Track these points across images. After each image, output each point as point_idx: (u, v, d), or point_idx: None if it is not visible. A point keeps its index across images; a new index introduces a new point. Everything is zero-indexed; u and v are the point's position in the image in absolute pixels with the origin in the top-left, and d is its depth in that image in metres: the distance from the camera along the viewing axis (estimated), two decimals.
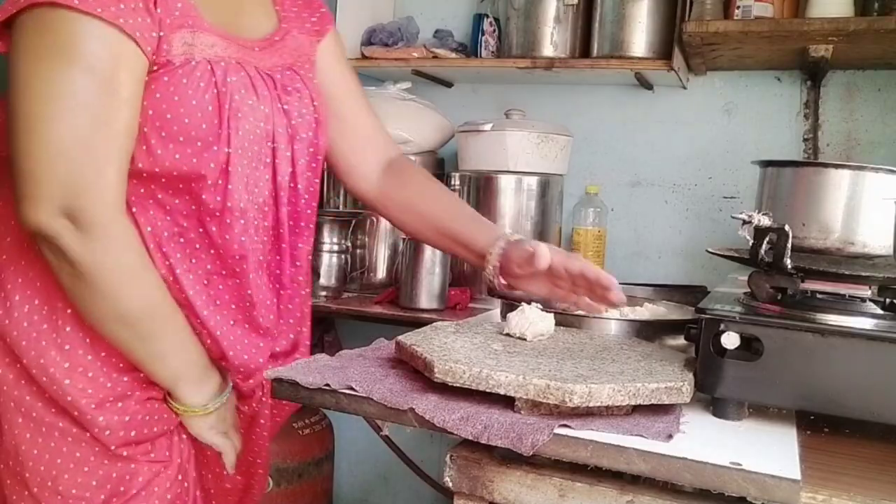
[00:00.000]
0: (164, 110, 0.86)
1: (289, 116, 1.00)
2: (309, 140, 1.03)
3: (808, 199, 0.93)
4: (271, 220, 1.00)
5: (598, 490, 0.70)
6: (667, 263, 1.97)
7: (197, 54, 0.89)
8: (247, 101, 0.93)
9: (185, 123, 0.87)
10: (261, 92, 0.95)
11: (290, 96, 1.00)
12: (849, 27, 1.48)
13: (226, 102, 0.90)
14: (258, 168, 0.96)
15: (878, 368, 0.73)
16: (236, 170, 0.92)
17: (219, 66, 0.90)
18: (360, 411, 0.76)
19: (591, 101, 2.02)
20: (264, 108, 0.95)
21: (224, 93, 0.90)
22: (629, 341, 0.94)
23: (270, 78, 0.98)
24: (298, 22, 1.09)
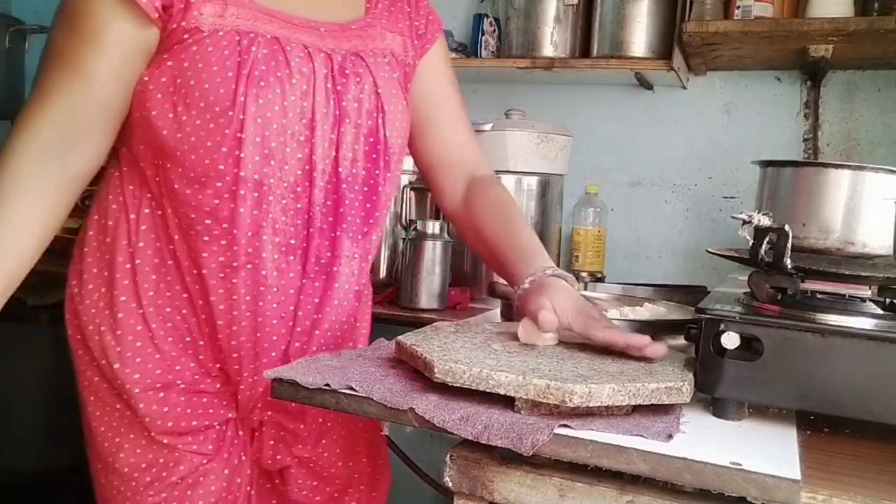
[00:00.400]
0: (188, 77, 0.90)
1: (339, 98, 0.97)
2: (366, 128, 1.00)
3: (808, 199, 0.93)
4: (304, 203, 0.97)
5: (598, 490, 0.70)
6: (667, 263, 1.97)
7: (227, 25, 0.91)
8: (274, 73, 0.92)
9: (205, 89, 0.89)
10: (299, 67, 0.94)
11: (346, 79, 0.98)
12: (849, 27, 1.48)
13: (245, 69, 0.90)
14: (286, 143, 0.94)
15: (878, 368, 0.73)
16: (252, 139, 0.91)
17: (246, 37, 0.91)
18: (360, 411, 0.76)
19: (591, 101, 2.02)
20: (301, 84, 0.94)
21: (245, 61, 0.90)
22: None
23: (329, 57, 0.97)
24: (392, 20, 1.07)
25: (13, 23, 2.43)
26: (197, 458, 1.00)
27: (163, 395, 0.98)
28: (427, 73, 1.12)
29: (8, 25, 2.39)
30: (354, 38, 1.01)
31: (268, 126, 0.92)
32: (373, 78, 1.00)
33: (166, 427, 0.98)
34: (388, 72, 1.03)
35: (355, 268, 1.03)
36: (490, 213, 1.08)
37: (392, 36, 1.06)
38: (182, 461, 0.99)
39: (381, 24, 1.06)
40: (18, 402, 2.19)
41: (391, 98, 1.02)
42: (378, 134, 1.01)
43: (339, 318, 1.03)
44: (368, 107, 0.99)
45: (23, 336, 2.18)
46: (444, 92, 1.14)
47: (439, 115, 1.13)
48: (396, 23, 1.08)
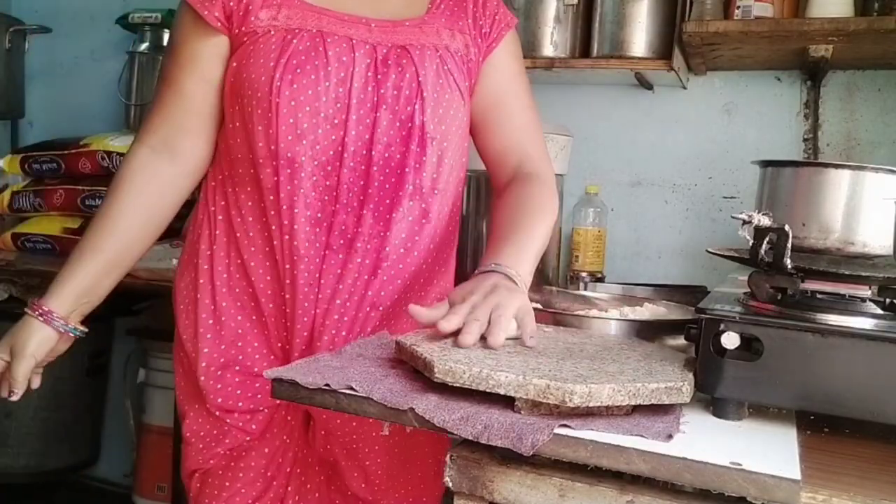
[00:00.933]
0: (242, 73, 1.03)
1: (378, 86, 1.02)
2: (404, 114, 1.04)
3: (808, 199, 0.93)
4: (334, 181, 1.03)
5: (598, 490, 0.70)
6: (667, 263, 1.97)
7: (279, 26, 1.01)
8: (312, 62, 1.00)
9: (252, 79, 1.01)
10: (338, 56, 1.01)
11: (388, 69, 1.04)
12: (849, 27, 1.48)
13: (283, 58, 0.99)
14: (320, 125, 1.01)
15: (878, 368, 0.73)
16: (286, 119, 1.00)
17: (292, 33, 1.01)
18: (360, 411, 0.76)
19: (591, 101, 2.02)
20: (339, 71, 1.01)
21: (285, 51, 1.00)
22: (629, 341, 0.94)
23: (373, 49, 1.03)
24: (453, 19, 1.11)
25: (13, 23, 2.43)
26: (241, 434, 1.09)
27: (220, 374, 1.08)
28: (492, 72, 1.14)
29: (8, 25, 2.39)
30: (405, 34, 1.06)
31: (301, 108, 1.00)
32: (415, 68, 1.04)
33: (217, 402, 1.08)
34: (438, 64, 1.06)
35: (378, 245, 1.06)
36: (504, 206, 1.11)
37: (450, 34, 1.10)
38: (228, 435, 1.09)
39: (441, 22, 1.10)
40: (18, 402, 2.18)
41: (434, 87, 1.06)
42: (414, 120, 1.04)
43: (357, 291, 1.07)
44: (408, 94, 1.04)
45: None
46: (507, 92, 1.15)
47: (498, 114, 1.15)
48: (457, 21, 1.11)
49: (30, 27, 2.45)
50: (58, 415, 2.25)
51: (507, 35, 1.15)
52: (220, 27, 1.04)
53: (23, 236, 2.19)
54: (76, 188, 2.12)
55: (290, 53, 1.00)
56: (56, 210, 2.16)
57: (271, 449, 1.10)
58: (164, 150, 1.08)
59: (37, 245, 2.17)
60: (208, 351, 1.09)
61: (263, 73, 1.00)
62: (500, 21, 1.15)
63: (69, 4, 2.64)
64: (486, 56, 1.13)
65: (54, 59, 2.68)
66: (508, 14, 1.17)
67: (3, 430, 2.20)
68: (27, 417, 2.21)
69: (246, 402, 1.09)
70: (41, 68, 2.67)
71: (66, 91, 2.68)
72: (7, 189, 2.27)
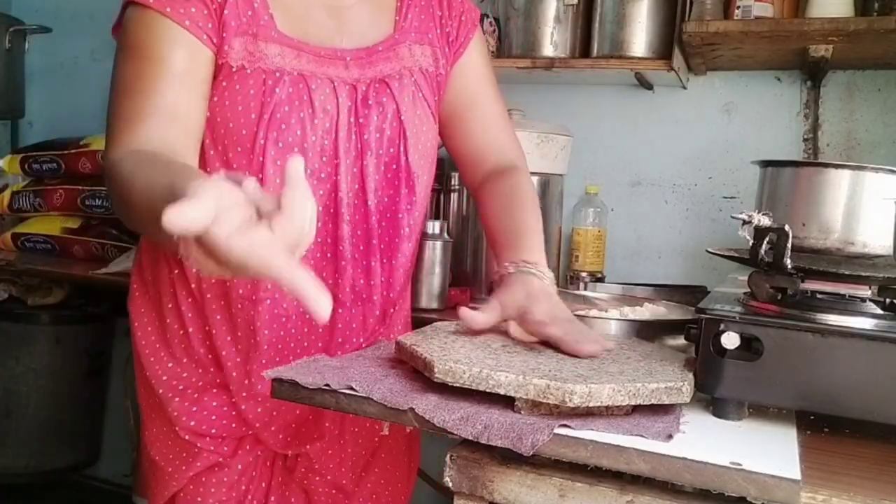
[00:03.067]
0: (217, 114, 0.93)
1: (361, 131, 0.98)
2: (389, 156, 1.01)
3: (808, 199, 0.93)
4: (324, 236, 1.00)
5: (598, 490, 0.70)
6: (667, 263, 1.97)
7: (254, 63, 0.92)
8: (297, 114, 0.93)
9: (230, 128, 0.93)
10: (323, 106, 0.95)
11: (369, 110, 0.99)
12: (849, 27, 1.48)
13: (266, 113, 0.92)
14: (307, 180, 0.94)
15: (878, 368, 0.73)
16: (272, 180, 0.93)
17: (272, 77, 0.93)
18: (360, 411, 0.76)
19: (591, 101, 2.02)
20: (324, 122, 0.95)
21: (268, 103, 0.92)
22: (629, 341, 0.94)
23: (353, 88, 0.98)
24: (422, 31, 1.06)
25: (13, 23, 2.43)
26: (214, 456, 1.05)
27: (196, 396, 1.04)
28: (461, 76, 1.11)
29: (8, 25, 2.39)
30: (381, 63, 1.01)
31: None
32: (396, 105, 1.01)
33: (189, 425, 1.04)
34: (415, 92, 1.03)
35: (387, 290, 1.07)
36: (495, 196, 1.09)
37: (421, 49, 1.06)
38: (199, 457, 1.05)
39: (411, 37, 1.05)
40: (18, 402, 2.19)
41: (415, 121, 1.03)
42: (400, 161, 1.02)
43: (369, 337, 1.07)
44: (390, 134, 1.01)
45: (23, 336, 2.18)
46: (478, 92, 1.13)
47: (472, 115, 1.13)
48: (426, 33, 1.07)
49: (30, 27, 2.45)
50: (58, 415, 2.25)
51: (474, 35, 1.12)
52: (207, 41, 0.92)
53: (23, 236, 2.19)
54: (76, 188, 2.12)
55: (273, 105, 0.92)
56: (56, 210, 2.16)
57: (245, 465, 1.07)
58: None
59: (37, 245, 2.17)
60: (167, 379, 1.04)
61: (244, 126, 0.93)
62: (467, 22, 1.11)
63: (69, 4, 2.64)
64: (455, 62, 1.10)
65: (54, 59, 2.68)
66: (473, 9, 1.12)
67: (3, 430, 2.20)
68: (27, 417, 2.21)
69: (223, 428, 1.05)
70: (41, 68, 2.67)
71: (66, 91, 2.68)
72: (7, 189, 2.27)
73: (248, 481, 1.07)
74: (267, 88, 0.92)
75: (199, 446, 1.04)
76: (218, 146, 0.95)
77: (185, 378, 1.04)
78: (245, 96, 0.92)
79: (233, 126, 0.93)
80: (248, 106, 0.92)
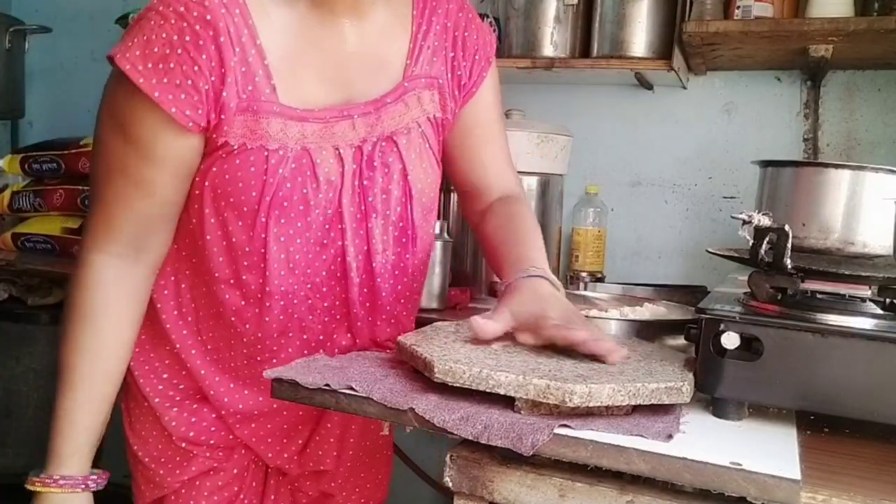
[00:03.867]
0: (217, 185, 0.92)
1: (365, 193, 0.96)
2: (395, 215, 0.99)
3: (808, 199, 0.93)
4: (332, 300, 0.99)
5: (598, 490, 0.70)
6: (667, 263, 1.97)
7: (255, 140, 0.89)
8: (300, 191, 0.92)
9: (232, 203, 0.92)
10: (327, 178, 0.93)
11: (373, 172, 0.96)
12: (849, 27, 1.48)
13: (268, 194, 0.90)
14: (311, 251, 0.95)
15: (878, 368, 0.73)
16: (276, 257, 0.93)
17: (275, 156, 0.90)
18: (360, 411, 0.76)
19: (591, 101, 2.02)
20: (329, 193, 0.94)
21: (269, 183, 0.90)
22: (629, 341, 0.94)
23: (359, 150, 0.95)
24: (431, 77, 1.01)
25: (13, 23, 2.43)
26: (209, 462, 1.05)
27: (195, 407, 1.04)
28: (470, 113, 1.07)
29: (8, 25, 2.39)
30: (388, 117, 0.97)
31: (291, 242, 0.93)
32: (402, 165, 0.98)
33: (187, 435, 1.04)
34: (421, 145, 1.00)
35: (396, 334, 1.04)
36: (498, 218, 1.07)
37: (430, 94, 1.01)
38: (194, 462, 1.04)
39: (420, 83, 1.00)
40: (18, 402, 2.19)
41: (421, 177, 1.00)
42: (406, 220, 1.01)
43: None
44: (397, 194, 0.99)
45: (23, 336, 2.18)
46: (487, 128, 1.09)
47: (479, 151, 1.10)
48: (436, 77, 1.01)
49: (30, 27, 2.45)
50: None
51: (487, 73, 1.06)
52: (194, 127, 0.88)
53: (23, 236, 2.19)
54: (76, 188, 2.12)
55: (275, 185, 0.90)
56: (56, 210, 2.16)
57: (239, 468, 1.07)
58: (128, 253, 0.94)
59: (37, 245, 2.17)
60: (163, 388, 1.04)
61: (246, 203, 0.91)
62: (481, 60, 1.05)
63: (69, 4, 2.64)
64: (465, 103, 1.06)
65: (54, 59, 2.68)
66: (488, 44, 1.06)
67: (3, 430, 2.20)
68: (27, 417, 2.20)
69: (216, 436, 1.05)
70: (41, 68, 2.67)
71: (66, 91, 2.68)
72: (7, 189, 2.27)
73: (240, 483, 1.08)
74: (269, 167, 0.90)
75: (195, 452, 1.04)
76: (219, 216, 0.93)
77: (182, 390, 1.04)
78: (246, 173, 0.90)
79: (233, 201, 0.91)
80: (248, 184, 0.90)
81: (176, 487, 1.05)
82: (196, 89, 0.86)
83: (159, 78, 0.85)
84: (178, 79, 0.85)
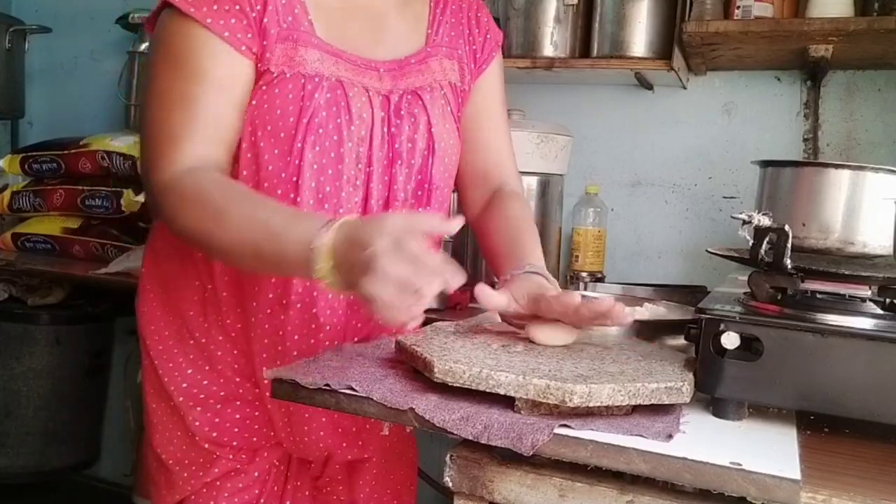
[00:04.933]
0: (256, 116, 0.93)
1: (393, 140, 0.99)
2: (416, 167, 1.02)
3: (808, 199, 0.93)
4: None
5: (598, 490, 0.70)
6: (667, 263, 1.97)
7: (293, 68, 0.93)
8: (334, 119, 0.94)
9: (268, 131, 0.93)
10: (359, 114, 0.96)
11: (401, 120, 1.00)
12: (849, 27, 1.48)
13: (304, 118, 0.92)
14: (343, 188, 0.96)
15: (878, 368, 0.73)
16: (308, 185, 0.94)
17: (311, 82, 0.93)
18: (360, 411, 0.76)
19: (591, 101, 2.02)
20: (361, 131, 0.96)
21: (306, 107, 0.92)
22: (629, 341, 0.94)
23: (387, 99, 0.99)
24: (452, 46, 1.08)
25: (13, 23, 2.43)
26: (231, 463, 1.05)
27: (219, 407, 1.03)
28: (478, 93, 1.12)
29: (8, 25, 2.39)
30: (413, 75, 1.02)
31: (323, 171, 0.95)
32: (427, 117, 1.01)
33: (211, 436, 1.03)
34: (443, 106, 1.04)
35: None
36: (499, 226, 1.09)
37: (451, 64, 1.07)
38: (217, 464, 1.04)
39: (442, 52, 1.06)
40: (18, 402, 2.19)
41: (444, 135, 1.04)
42: (425, 172, 1.03)
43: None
44: (421, 146, 1.01)
45: (23, 336, 2.18)
46: (491, 112, 1.14)
47: (482, 133, 1.13)
48: (455, 48, 1.08)
49: (30, 27, 2.45)
50: (58, 415, 2.25)
51: (496, 55, 1.13)
52: (247, 52, 0.92)
53: (23, 236, 2.19)
54: (76, 188, 2.12)
55: (311, 109, 0.93)
56: (56, 210, 2.16)
57: (261, 471, 1.07)
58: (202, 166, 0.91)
59: (37, 245, 2.17)
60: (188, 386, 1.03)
61: (283, 130, 0.93)
62: (492, 40, 1.12)
63: (69, 4, 2.64)
64: (476, 79, 1.12)
65: (54, 59, 2.68)
66: (496, 30, 1.14)
67: (3, 430, 2.20)
68: (27, 417, 2.21)
69: (247, 438, 1.05)
70: (41, 68, 2.67)
71: (66, 91, 2.68)
72: (7, 189, 2.27)
73: (261, 486, 1.07)
74: (306, 93, 0.93)
75: (218, 454, 1.04)
76: (255, 148, 0.94)
77: (206, 387, 1.03)
78: (284, 100, 0.92)
79: (271, 129, 0.93)
80: (286, 110, 0.93)
81: (197, 488, 1.05)
82: (244, 14, 0.91)
83: (209, 6, 0.90)
84: (226, 5, 0.90)
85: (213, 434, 1.03)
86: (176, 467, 1.05)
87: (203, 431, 1.03)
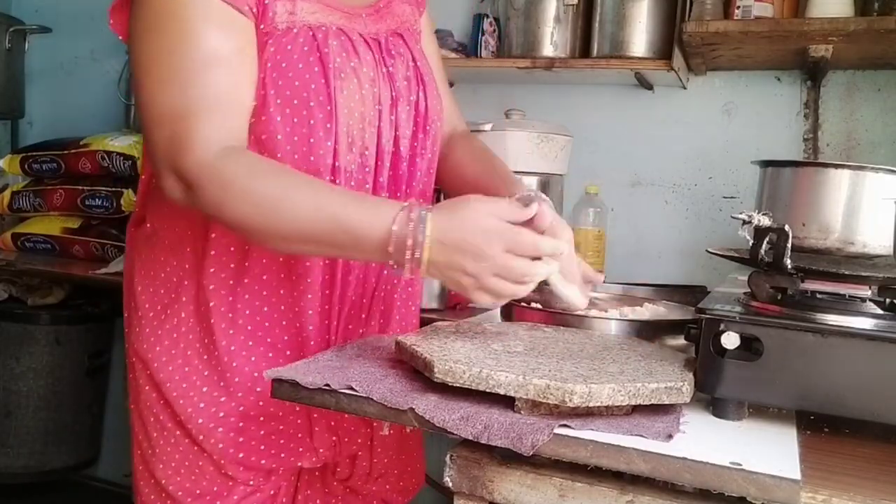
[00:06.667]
0: (274, 78, 0.92)
1: (392, 79, 1.02)
2: (414, 103, 1.05)
3: (808, 199, 0.93)
4: (371, 183, 1.01)
5: (598, 490, 0.70)
6: (667, 263, 1.97)
7: (298, 21, 0.94)
8: (349, 64, 0.97)
9: (296, 86, 0.92)
10: (363, 56, 0.99)
11: (394, 59, 1.03)
12: (849, 27, 1.48)
13: (329, 62, 0.94)
14: (365, 129, 0.98)
15: (878, 368, 0.73)
16: (342, 129, 0.95)
17: (320, 31, 0.95)
18: (360, 411, 0.76)
19: (591, 101, 2.02)
20: (368, 71, 0.99)
21: (326, 54, 0.94)
22: (629, 341, 0.94)
23: (376, 41, 1.02)
24: None
25: (13, 23, 2.43)
26: (249, 488, 1.01)
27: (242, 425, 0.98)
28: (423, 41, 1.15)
29: (8, 25, 2.39)
30: (387, 18, 1.06)
31: (351, 115, 0.97)
32: (411, 54, 1.06)
33: (237, 457, 0.98)
34: (415, 44, 1.09)
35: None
36: (472, 159, 1.14)
37: (410, 9, 1.11)
38: (235, 491, 1.00)
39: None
40: (18, 402, 2.19)
41: (425, 68, 1.08)
42: (423, 104, 1.06)
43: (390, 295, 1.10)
44: (413, 82, 1.05)
45: (23, 336, 2.18)
46: (431, 55, 1.16)
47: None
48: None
49: (30, 27, 2.45)
50: (58, 415, 2.25)
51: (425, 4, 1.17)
52: (248, 13, 0.90)
53: (23, 236, 2.19)
54: (76, 188, 2.12)
55: (331, 55, 0.93)
56: (56, 210, 2.16)
57: (275, 489, 1.04)
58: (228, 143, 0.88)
59: (37, 245, 2.17)
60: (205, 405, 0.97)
61: (312, 80, 0.92)
62: None
63: (69, 4, 2.64)
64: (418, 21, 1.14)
65: (54, 59, 2.68)
66: None
67: (3, 430, 2.20)
68: (27, 417, 2.21)
69: (273, 460, 0.99)
70: (41, 68, 2.67)
71: (66, 91, 2.68)
72: (7, 189, 2.27)
73: (273, 500, 1.04)
74: (319, 42, 0.94)
75: (238, 479, 0.98)
76: (286, 109, 0.92)
77: (224, 403, 0.97)
78: (301, 53, 0.92)
79: (299, 84, 0.91)
80: (307, 61, 0.92)
81: None
82: None
83: None
84: None
85: (240, 455, 0.97)
86: (188, 499, 0.98)
87: (227, 453, 0.97)
